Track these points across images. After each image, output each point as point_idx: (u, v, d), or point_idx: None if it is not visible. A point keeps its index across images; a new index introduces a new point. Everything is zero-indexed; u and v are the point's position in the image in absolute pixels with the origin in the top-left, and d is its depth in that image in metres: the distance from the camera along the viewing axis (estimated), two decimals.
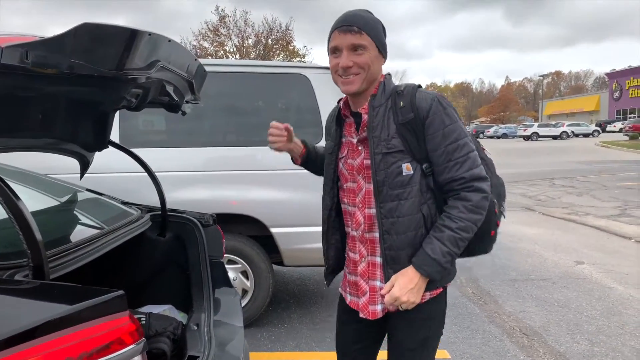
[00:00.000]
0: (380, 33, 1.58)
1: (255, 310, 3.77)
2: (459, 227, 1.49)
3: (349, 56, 1.53)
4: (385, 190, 1.54)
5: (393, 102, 1.57)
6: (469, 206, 1.49)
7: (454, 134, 1.51)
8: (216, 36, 31.97)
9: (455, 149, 1.51)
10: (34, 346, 1.07)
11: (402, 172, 1.53)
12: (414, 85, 1.60)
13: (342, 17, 1.56)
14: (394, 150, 1.53)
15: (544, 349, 3.44)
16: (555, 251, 6.09)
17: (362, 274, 1.68)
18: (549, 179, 13.89)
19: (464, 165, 1.50)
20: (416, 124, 1.52)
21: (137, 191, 3.02)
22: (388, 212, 1.55)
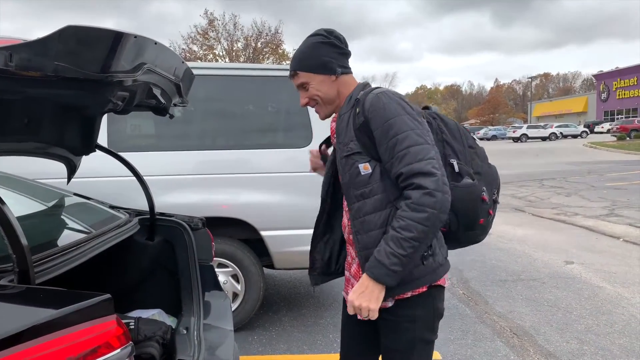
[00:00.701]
0: (317, 57, 1.62)
1: (246, 313, 3.75)
2: (400, 226, 1.45)
3: (302, 96, 1.69)
4: (351, 191, 1.59)
5: (354, 109, 1.60)
6: (410, 204, 1.44)
7: (394, 128, 1.49)
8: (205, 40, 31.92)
9: (395, 144, 1.48)
10: (19, 351, 1.06)
11: (360, 172, 1.55)
12: (374, 89, 1.62)
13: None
14: (351, 153, 1.57)
15: (534, 349, 3.46)
16: (544, 251, 6.13)
17: (355, 275, 1.70)
18: (539, 179, 14.00)
19: (403, 160, 1.47)
20: (366, 125, 1.54)
21: (126, 195, 3.00)
22: (356, 212, 1.58)
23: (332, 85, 1.65)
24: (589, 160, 20.45)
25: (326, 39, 1.62)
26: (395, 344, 1.63)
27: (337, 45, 1.63)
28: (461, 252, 6.10)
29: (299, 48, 1.67)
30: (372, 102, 1.54)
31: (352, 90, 1.67)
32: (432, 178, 1.44)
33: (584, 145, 30.72)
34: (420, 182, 1.44)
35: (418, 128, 1.50)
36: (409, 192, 1.46)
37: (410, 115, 1.52)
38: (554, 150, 27.76)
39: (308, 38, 1.66)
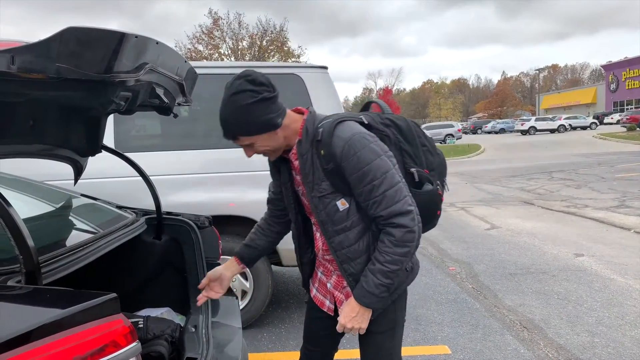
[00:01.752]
0: (253, 120, 1.51)
1: (255, 311, 3.77)
2: (386, 261, 1.56)
3: (247, 151, 1.62)
4: (330, 227, 1.64)
5: (316, 148, 1.59)
6: (394, 241, 1.55)
7: (369, 175, 1.53)
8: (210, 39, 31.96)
9: (371, 190, 1.54)
10: (27, 351, 1.07)
11: (339, 209, 1.61)
12: (329, 130, 1.56)
13: (220, 121, 1.55)
14: (326, 193, 1.60)
15: (545, 342, 3.44)
16: (554, 244, 6.10)
17: (335, 285, 1.82)
18: (548, 172, 13.91)
19: (381, 204, 1.54)
20: (337, 171, 1.56)
21: (133, 195, 3.02)
22: (338, 245, 1.65)
23: (276, 137, 1.59)
24: (598, 151, 20.27)
25: (256, 95, 1.49)
26: (379, 327, 1.74)
27: (268, 97, 1.51)
28: (470, 246, 6.11)
29: (224, 111, 1.52)
30: (344, 150, 1.53)
31: (296, 125, 1.63)
32: (410, 216, 1.54)
33: (594, 137, 30.47)
34: (400, 221, 1.54)
35: (390, 167, 1.55)
36: (390, 230, 1.55)
37: (381, 154, 1.55)
38: (563, 143, 27.55)
39: (234, 97, 1.49)
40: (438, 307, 4.21)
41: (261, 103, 1.50)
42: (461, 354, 3.32)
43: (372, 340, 1.77)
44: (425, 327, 3.80)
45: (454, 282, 4.83)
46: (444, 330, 3.72)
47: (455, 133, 36.96)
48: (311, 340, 2.02)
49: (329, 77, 3.92)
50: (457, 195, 10.63)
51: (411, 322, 3.88)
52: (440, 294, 4.52)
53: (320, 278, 1.89)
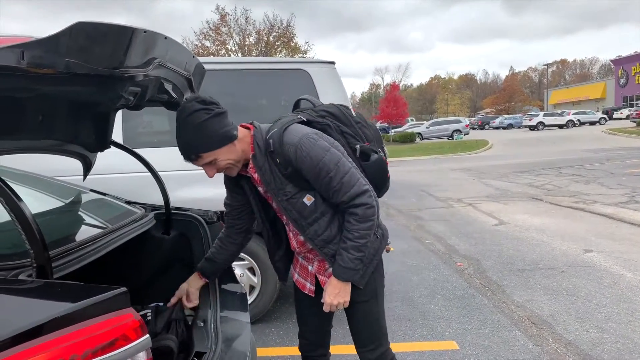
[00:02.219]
0: (211, 136, 1.64)
1: (263, 306, 3.78)
2: (355, 237, 1.75)
3: (209, 169, 1.73)
4: (302, 221, 1.81)
5: (270, 157, 1.74)
6: (358, 219, 1.73)
7: (323, 170, 1.69)
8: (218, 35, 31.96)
9: (329, 182, 1.70)
10: (39, 344, 1.08)
11: (306, 205, 1.78)
12: (279, 139, 1.70)
13: (179, 146, 1.68)
14: (291, 195, 1.77)
15: (553, 338, 3.43)
16: (563, 240, 6.06)
17: (318, 270, 1.98)
18: (556, 168, 13.82)
19: (340, 191, 1.71)
20: (296, 172, 1.72)
21: (141, 191, 3.03)
22: (314, 234, 1.82)
23: (235, 148, 1.72)
24: (607, 147, 20.10)
25: (209, 112, 1.63)
26: (364, 297, 1.93)
27: (220, 112, 1.66)
28: (478, 242, 6.09)
29: (184, 134, 1.65)
30: (297, 154, 1.68)
31: (248, 140, 1.76)
32: (367, 194, 1.73)
33: (603, 132, 30.21)
34: (360, 200, 1.72)
35: (340, 157, 1.71)
36: (353, 210, 1.73)
37: (329, 148, 1.71)
38: (572, 138, 27.35)
39: (190, 117, 1.62)
40: (446, 302, 4.20)
41: (215, 118, 1.64)
42: (469, 350, 3.31)
43: (360, 309, 1.95)
44: (433, 322, 3.79)
45: (462, 278, 4.82)
46: (451, 326, 3.71)
47: (463, 129, 36.75)
48: (301, 321, 2.17)
49: (336, 73, 3.91)
50: (465, 191, 10.59)
51: (419, 318, 3.88)
52: (448, 290, 4.51)
53: (302, 263, 2.05)
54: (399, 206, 9.03)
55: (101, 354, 1.14)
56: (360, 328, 1.99)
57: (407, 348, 3.38)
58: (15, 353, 1.07)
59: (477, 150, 23.95)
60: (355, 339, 2.03)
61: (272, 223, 2.00)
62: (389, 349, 2.05)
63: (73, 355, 1.10)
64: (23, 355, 1.07)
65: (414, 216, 8.13)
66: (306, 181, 1.74)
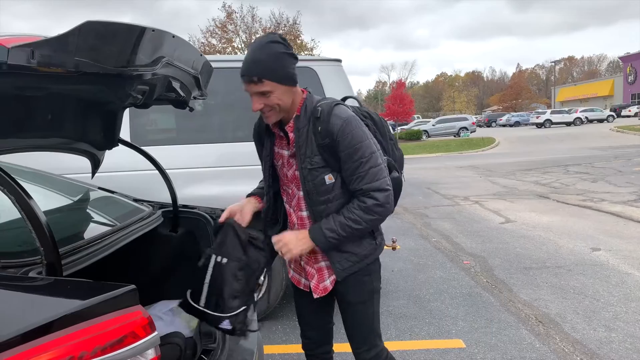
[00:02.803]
0: (284, 68, 1.68)
1: (269, 303, 3.79)
2: (349, 218, 1.77)
3: (257, 100, 1.72)
4: (314, 197, 1.82)
5: (313, 124, 1.76)
6: (363, 207, 1.76)
7: (358, 152, 1.73)
8: (224, 33, 31.97)
9: (358, 166, 1.74)
10: (49, 341, 1.09)
11: (325, 182, 1.79)
12: (329, 109, 1.75)
13: (243, 66, 1.67)
14: (317, 166, 1.78)
15: (561, 337, 3.42)
16: (570, 238, 6.03)
17: (307, 261, 1.96)
18: (563, 165, 13.74)
19: (364, 179, 1.75)
20: (331, 146, 1.74)
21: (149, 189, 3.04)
22: (318, 214, 1.83)
23: (291, 95, 1.75)
24: (615, 144, 19.97)
25: (287, 49, 1.69)
26: (361, 298, 1.94)
27: (295, 56, 1.72)
28: (484, 240, 6.07)
29: (258, 53, 1.65)
30: (342, 129, 1.72)
31: (300, 99, 1.80)
32: (386, 193, 1.77)
33: (610, 130, 29.99)
34: (376, 195, 1.76)
35: (375, 150, 1.78)
36: (364, 199, 1.77)
37: (369, 137, 1.78)
38: (579, 136, 27.19)
39: (268, 44, 1.65)
40: (452, 300, 4.20)
41: (291, 58, 1.69)
42: (475, 348, 3.31)
43: (356, 309, 1.96)
44: (439, 320, 3.79)
45: (469, 276, 4.81)
46: (458, 324, 3.71)
47: (470, 126, 36.60)
48: (301, 319, 2.17)
49: (342, 70, 3.90)
50: (471, 189, 10.56)
51: (425, 316, 3.88)
52: (454, 288, 4.50)
53: (296, 259, 2.01)
54: (405, 204, 9.01)
55: (110, 351, 1.15)
56: (356, 329, 2.00)
57: (413, 346, 3.38)
58: (26, 350, 1.08)
59: (484, 147, 23.86)
60: (351, 339, 2.03)
61: (275, 195, 1.99)
62: (384, 347, 2.07)
63: (82, 352, 1.11)
64: (33, 352, 1.08)
65: (420, 214, 8.12)
66: (336, 159, 1.76)
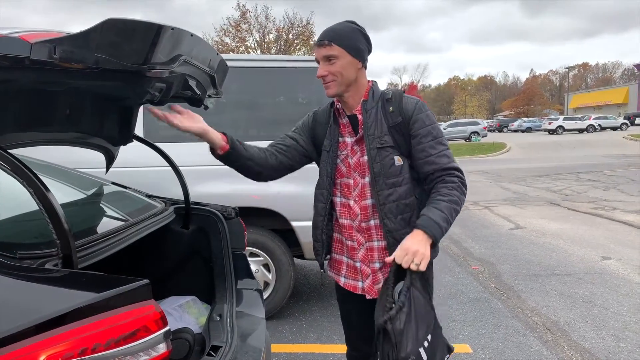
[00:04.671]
0: (355, 40, 1.78)
1: (277, 302, 3.80)
2: (450, 200, 1.73)
3: (323, 66, 1.79)
4: (382, 180, 1.79)
5: (382, 106, 1.83)
6: (455, 186, 1.75)
7: (433, 132, 1.79)
8: (237, 32, 32.07)
9: (433, 145, 1.77)
10: (63, 332, 1.11)
11: (395, 163, 1.80)
12: (400, 91, 1.85)
13: (320, 34, 1.80)
14: (387, 145, 1.79)
15: (568, 345, 3.40)
16: (580, 246, 5.98)
17: (363, 259, 1.91)
18: (575, 173, 13.63)
19: (442, 158, 1.77)
20: (403, 125, 1.79)
21: (161, 185, 3.07)
22: (385, 198, 1.79)
23: (355, 70, 1.80)
24: (629, 153, 19.76)
25: (363, 32, 1.81)
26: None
27: (370, 41, 1.84)
28: (493, 246, 6.04)
29: (337, 26, 1.79)
30: (417, 107, 1.80)
31: (366, 85, 1.86)
32: (463, 174, 1.79)
33: (624, 138, 29.68)
34: (458, 174, 1.78)
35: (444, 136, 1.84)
36: (450, 178, 1.76)
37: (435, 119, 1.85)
38: (592, 143, 26.94)
39: (345, 22, 1.80)
40: (460, 305, 4.18)
41: (363, 38, 1.81)
42: (482, 354, 3.29)
43: None
44: (446, 325, 3.78)
45: (477, 281, 4.79)
46: (465, 329, 3.70)
47: (481, 131, 36.43)
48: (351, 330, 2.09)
49: None
50: (481, 194, 10.50)
51: None
52: (462, 293, 4.48)
53: (348, 262, 1.98)
54: None
55: (123, 344, 1.16)
56: None
57: None
58: (40, 340, 1.10)
59: (495, 153, 23.73)
60: None
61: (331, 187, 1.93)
62: None
63: (96, 344, 1.13)
64: (47, 343, 1.10)
65: None
66: (405, 141, 1.80)
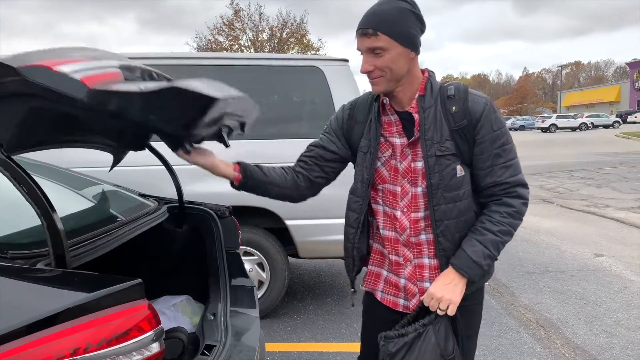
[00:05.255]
0: (406, 26, 1.45)
1: (271, 301, 3.80)
2: (500, 231, 1.50)
3: (368, 60, 1.48)
4: (440, 193, 1.52)
5: (443, 105, 1.53)
6: (512, 212, 1.52)
7: (502, 138, 1.53)
8: (231, 30, 32.00)
9: (500, 154, 1.52)
10: (55, 332, 1.11)
11: (457, 174, 1.52)
12: (464, 87, 1.55)
13: (362, 17, 1.49)
14: (448, 153, 1.51)
15: (562, 341, 3.42)
16: (573, 243, 6.02)
17: (410, 277, 1.64)
18: (568, 171, 13.70)
19: (508, 170, 1.52)
20: (468, 130, 1.51)
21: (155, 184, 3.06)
22: (442, 214, 1.53)
23: (407, 62, 1.49)
24: (621, 150, 19.89)
25: (415, 9, 1.47)
26: (469, 329, 1.66)
27: (422, 21, 1.50)
28: None
29: (381, 8, 1.46)
30: (487, 108, 1.52)
31: (420, 77, 1.55)
32: (528, 189, 1.56)
33: (616, 136, 29.89)
34: (521, 192, 1.53)
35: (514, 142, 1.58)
36: (509, 200, 1.52)
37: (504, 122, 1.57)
38: (584, 141, 27.09)
39: (392, 1, 1.45)
40: None
41: (415, 18, 1.47)
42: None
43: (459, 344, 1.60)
44: None
45: None
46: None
47: None
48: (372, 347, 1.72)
49: (349, 70, 3.91)
50: None
51: None
52: None
53: (387, 277, 1.71)
54: None
55: (115, 343, 1.16)
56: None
57: None
58: (32, 340, 1.09)
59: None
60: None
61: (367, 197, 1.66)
62: None
63: (88, 343, 1.12)
64: (40, 342, 1.10)
65: None
66: (468, 147, 1.52)
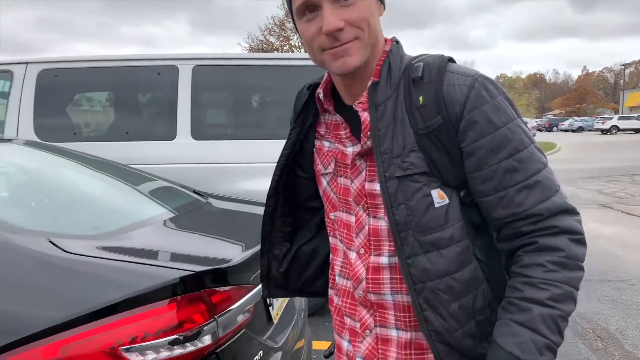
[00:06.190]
0: None
1: (318, 299, 3.82)
2: (553, 298, 0.88)
3: (333, 12, 0.89)
4: (411, 236, 0.94)
5: (408, 95, 0.96)
6: (560, 260, 0.90)
7: (511, 141, 0.91)
8: (282, 31, 32.37)
9: (514, 168, 0.90)
10: (114, 321, 1.16)
11: (433, 202, 0.94)
12: (439, 63, 0.95)
13: None
14: (415, 172, 0.93)
15: (620, 353, 3.26)
16: (634, 251, 5.72)
17: (368, 356, 1.06)
18: (630, 175, 13.03)
19: (533, 192, 0.91)
20: (446, 131, 0.92)
21: (207, 181, 3.15)
22: (422, 273, 0.94)
23: (378, 24, 0.97)
24: None
25: None
26: None
27: None
28: None
29: None
30: (475, 94, 0.91)
31: (381, 49, 1.00)
32: (578, 217, 0.95)
33: None
34: (567, 224, 0.92)
35: (534, 141, 0.95)
36: (549, 242, 0.90)
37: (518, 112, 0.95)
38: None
39: None
40: None
41: None
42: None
43: None
44: None
45: None
46: None
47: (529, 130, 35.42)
48: None
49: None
50: None
51: None
52: None
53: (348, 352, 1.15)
54: None
55: (170, 334, 1.21)
56: None
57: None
58: (93, 328, 1.15)
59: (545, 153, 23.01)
60: None
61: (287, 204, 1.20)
62: None
63: (146, 333, 1.18)
64: (100, 330, 1.16)
65: None
66: (449, 159, 0.94)
